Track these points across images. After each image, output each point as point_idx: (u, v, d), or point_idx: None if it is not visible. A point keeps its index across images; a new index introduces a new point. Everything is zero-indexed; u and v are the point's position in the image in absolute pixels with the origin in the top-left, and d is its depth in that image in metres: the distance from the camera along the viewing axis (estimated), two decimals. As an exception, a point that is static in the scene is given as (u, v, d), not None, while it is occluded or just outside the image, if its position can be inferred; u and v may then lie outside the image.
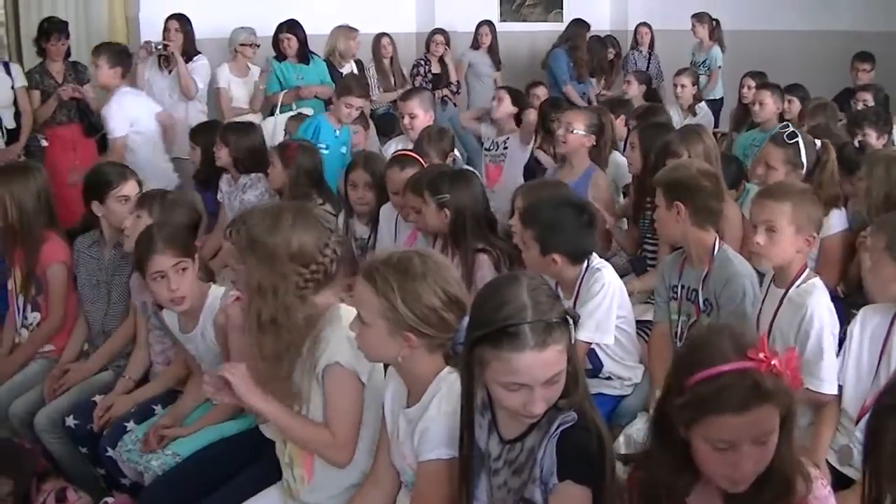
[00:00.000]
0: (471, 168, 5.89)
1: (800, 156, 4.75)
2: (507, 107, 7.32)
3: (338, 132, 6.56)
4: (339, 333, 2.92)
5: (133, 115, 7.03)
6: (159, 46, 7.81)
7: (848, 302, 4.33)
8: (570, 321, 2.38)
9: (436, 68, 9.94)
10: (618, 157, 6.44)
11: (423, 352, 2.67)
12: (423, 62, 9.96)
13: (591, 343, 3.84)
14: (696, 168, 4.07)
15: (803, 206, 3.53)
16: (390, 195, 5.07)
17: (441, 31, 10.08)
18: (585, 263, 3.87)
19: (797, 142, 4.77)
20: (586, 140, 5.66)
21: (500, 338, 2.30)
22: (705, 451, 2.09)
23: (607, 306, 3.83)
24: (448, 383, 2.66)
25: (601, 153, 5.91)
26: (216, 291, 3.81)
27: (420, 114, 6.31)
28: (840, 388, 3.34)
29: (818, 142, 4.82)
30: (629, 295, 4.11)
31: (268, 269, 2.97)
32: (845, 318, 3.60)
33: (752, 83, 8.10)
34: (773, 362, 2.04)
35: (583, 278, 3.87)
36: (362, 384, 2.98)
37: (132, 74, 7.57)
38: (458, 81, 10.03)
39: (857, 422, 3.23)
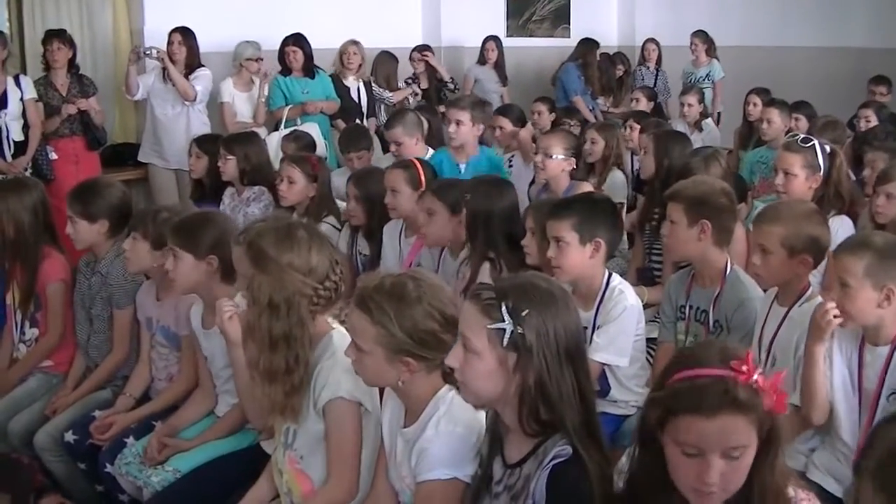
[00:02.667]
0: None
1: (817, 158, 4.72)
2: (507, 131, 7.31)
3: (462, 167, 6.29)
4: (338, 364, 2.94)
5: None
6: (148, 52, 7.83)
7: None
8: None
9: (424, 84, 9.96)
10: (617, 175, 6.46)
11: (421, 374, 2.67)
12: (411, 80, 9.98)
13: (605, 364, 3.84)
14: (719, 185, 4.06)
15: (798, 227, 3.52)
16: (388, 193, 5.03)
17: (425, 46, 10.11)
18: (606, 278, 3.87)
19: (813, 145, 4.75)
20: (566, 164, 5.66)
21: None
22: (675, 455, 2.08)
23: (628, 329, 3.84)
24: (447, 403, 2.66)
25: (580, 171, 5.92)
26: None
27: (406, 140, 6.27)
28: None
29: (828, 147, 4.81)
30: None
31: (280, 285, 2.98)
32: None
33: (758, 100, 8.11)
34: (754, 377, 2.04)
35: (603, 295, 3.86)
36: (368, 410, 2.99)
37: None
38: (450, 79, 10.04)
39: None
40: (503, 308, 2.33)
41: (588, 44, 10.73)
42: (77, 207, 4.41)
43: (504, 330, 2.33)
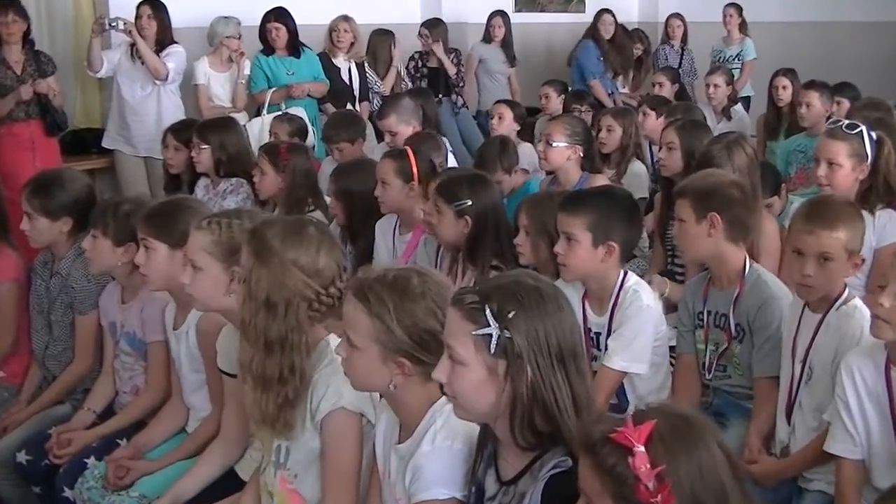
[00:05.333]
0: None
1: (864, 146, 4.69)
2: (508, 125, 7.32)
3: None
4: (337, 372, 2.91)
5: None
6: (114, 23, 7.74)
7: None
8: None
9: (433, 62, 9.96)
10: (638, 167, 6.42)
11: (416, 380, 2.66)
12: (418, 55, 9.98)
13: (623, 373, 3.82)
14: (729, 177, 4.06)
15: (855, 227, 3.50)
16: (378, 185, 5.02)
17: (435, 22, 10.10)
18: (620, 278, 3.87)
19: (860, 131, 4.71)
20: (570, 152, 5.66)
21: None
22: None
23: (645, 332, 3.83)
24: (444, 415, 2.64)
25: (594, 162, 5.92)
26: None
27: (401, 129, 6.27)
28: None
29: (874, 134, 4.77)
30: (661, 295, 4.11)
31: (281, 282, 2.96)
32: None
33: (787, 82, 8.07)
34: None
35: (618, 296, 3.86)
36: (371, 423, 2.98)
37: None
38: (456, 74, 10.00)
39: None
40: (487, 311, 2.34)
41: (600, 14, 10.69)
42: (36, 203, 4.39)
43: (490, 335, 2.33)
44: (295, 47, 8.52)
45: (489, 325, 2.33)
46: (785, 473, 3.51)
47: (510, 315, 2.32)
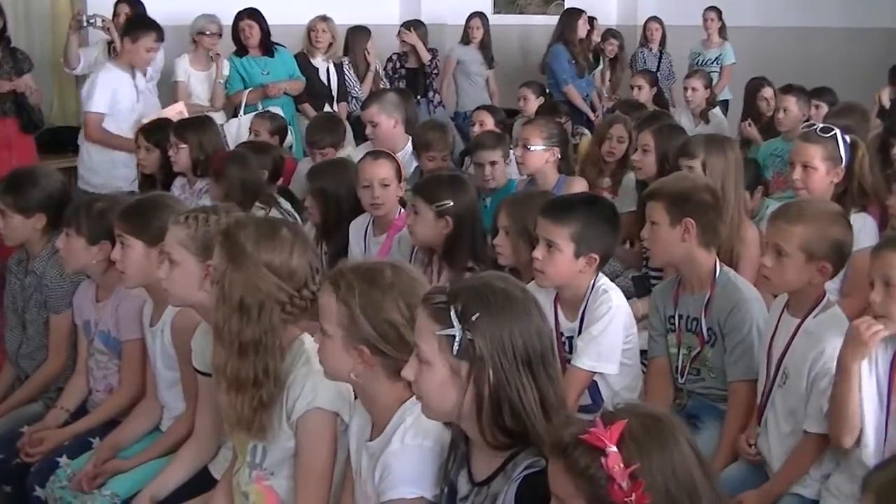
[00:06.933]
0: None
1: (839, 150, 4.71)
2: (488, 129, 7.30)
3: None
4: (313, 371, 2.94)
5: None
6: (92, 19, 7.71)
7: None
8: None
9: (412, 63, 9.95)
10: (630, 181, 6.41)
11: (381, 375, 2.69)
12: (396, 56, 9.98)
13: (592, 372, 3.83)
14: (703, 181, 4.09)
15: (823, 230, 3.50)
16: (359, 189, 5.04)
17: (416, 23, 10.09)
18: (592, 282, 3.87)
19: (835, 134, 4.73)
20: (548, 155, 5.69)
21: None
22: None
23: (613, 331, 3.82)
24: (414, 413, 2.66)
25: (570, 164, 5.97)
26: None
27: (382, 120, 6.26)
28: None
29: (848, 137, 4.80)
30: (636, 320, 4.11)
31: (254, 285, 2.97)
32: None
33: (771, 92, 8.09)
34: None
35: (588, 299, 3.86)
36: (345, 423, 2.98)
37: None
38: (430, 62, 10.01)
39: None
40: (452, 312, 2.36)
41: (569, 15, 10.60)
42: (10, 199, 4.39)
43: (454, 336, 2.35)
44: (268, 47, 8.52)
45: (453, 327, 2.35)
46: (770, 495, 3.48)
47: (474, 317, 2.35)
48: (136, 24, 7.28)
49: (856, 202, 4.74)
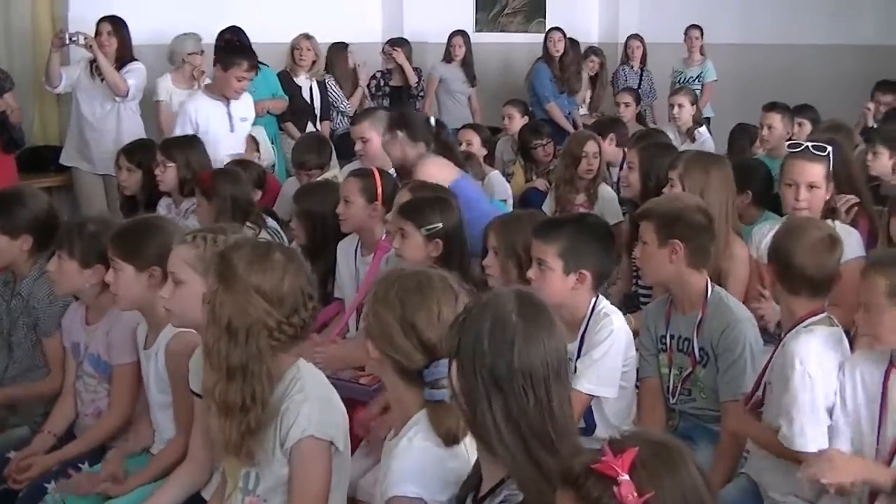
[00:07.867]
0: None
1: (830, 166, 4.71)
2: (476, 150, 7.35)
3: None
4: (308, 398, 2.92)
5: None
6: (74, 37, 7.66)
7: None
8: None
9: (395, 80, 9.98)
10: (606, 192, 6.44)
11: (399, 381, 2.74)
12: (380, 74, 10.00)
13: (591, 396, 3.82)
14: (695, 202, 4.09)
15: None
16: (341, 203, 5.02)
17: (401, 41, 10.14)
18: (592, 304, 3.87)
19: (829, 153, 4.71)
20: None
21: None
22: None
23: (613, 356, 3.83)
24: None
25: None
26: None
27: (373, 136, 6.25)
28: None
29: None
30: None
31: (243, 309, 2.93)
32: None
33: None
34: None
35: (589, 321, 3.86)
36: (339, 451, 2.98)
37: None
38: (417, 84, 10.06)
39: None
40: None
41: (550, 33, 10.61)
42: None
43: None
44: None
45: None
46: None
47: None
48: (227, 51, 7.27)
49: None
